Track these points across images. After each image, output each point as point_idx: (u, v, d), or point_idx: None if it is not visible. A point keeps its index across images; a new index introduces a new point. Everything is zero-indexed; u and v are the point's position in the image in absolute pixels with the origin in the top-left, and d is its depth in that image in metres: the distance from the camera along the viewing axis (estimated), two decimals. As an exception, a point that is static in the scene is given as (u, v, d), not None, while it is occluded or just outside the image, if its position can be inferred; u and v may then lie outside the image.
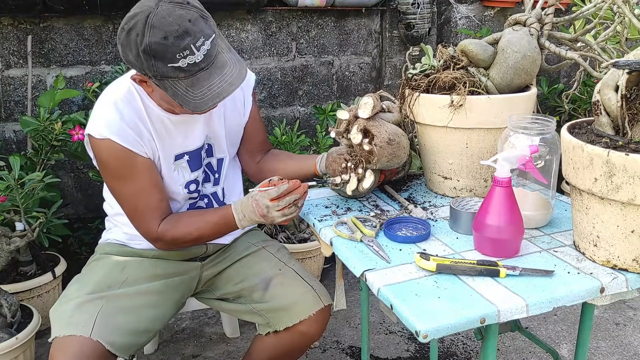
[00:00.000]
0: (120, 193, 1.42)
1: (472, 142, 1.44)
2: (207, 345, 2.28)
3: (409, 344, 2.26)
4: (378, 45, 3.20)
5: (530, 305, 1.03)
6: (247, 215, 1.38)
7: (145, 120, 1.39)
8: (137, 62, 1.23)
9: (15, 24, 2.51)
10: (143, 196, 1.40)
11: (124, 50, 1.25)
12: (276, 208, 1.34)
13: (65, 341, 1.27)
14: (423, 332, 0.96)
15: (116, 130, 1.34)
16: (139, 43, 1.19)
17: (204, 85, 1.24)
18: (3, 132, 2.60)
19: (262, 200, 1.34)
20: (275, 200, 1.33)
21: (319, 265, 2.70)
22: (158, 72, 1.22)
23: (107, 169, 1.39)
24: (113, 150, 1.35)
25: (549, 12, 1.49)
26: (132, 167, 1.37)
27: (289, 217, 1.36)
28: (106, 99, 1.39)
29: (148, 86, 1.32)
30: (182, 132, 1.46)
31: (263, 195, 1.34)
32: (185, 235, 1.42)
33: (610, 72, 1.14)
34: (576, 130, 1.19)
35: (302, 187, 1.36)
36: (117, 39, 1.27)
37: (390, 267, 1.17)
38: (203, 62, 1.22)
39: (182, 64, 1.20)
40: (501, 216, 1.16)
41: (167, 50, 1.18)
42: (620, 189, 1.03)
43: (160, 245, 1.46)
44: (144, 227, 1.42)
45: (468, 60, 1.47)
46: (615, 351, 2.23)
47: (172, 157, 1.46)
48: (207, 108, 1.27)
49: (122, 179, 1.39)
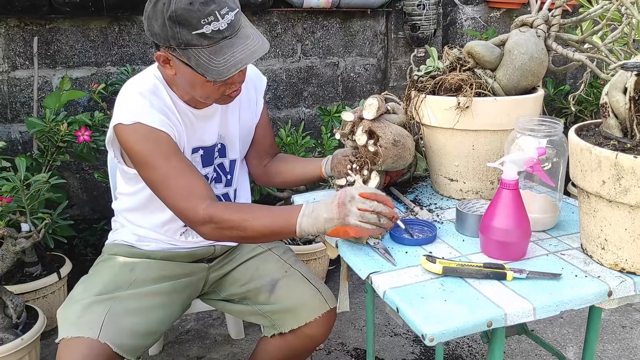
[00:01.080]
0: (157, 179, 1.33)
1: (479, 144, 1.43)
2: (212, 347, 2.27)
3: (414, 347, 2.25)
4: (383, 47, 3.20)
5: (537, 308, 1.02)
6: (317, 209, 1.23)
7: (172, 110, 1.40)
8: (162, 31, 1.25)
9: (22, 26, 2.52)
10: (182, 176, 1.32)
11: (149, 22, 1.27)
12: (360, 204, 1.19)
13: (73, 343, 1.27)
14: (429, 336, 0.95)
15: (146, 115, 1.33)
16: (165, 11, 1.22)
17: (227, 53, 1.25)
18: (9, 133, 2.61)
19: (350, 190, 1.22)
20: (364, 197, 1.21)
21: (324, 267, 2.70)
22: (182, 40, 1.24)
23: (140, 154, 1.33)
24: (144, 133, 1.32)
25: (556, 13, 1.48)
26: (167, 147, 1.33)
27: (363, 223, 1.18)
28: (131, 90, 1.39)
29: (171, 68, 1.33)
30: (201, 126, 1.47)
31: (356, 187, 1.24)
32: (236, 220, 1.27)
33: (619, 74, 1.13)
34: (584, 132, 1.19)
35: (391, 209, 1.23)
36: (143, 14, 1.30)
37: (396, 269, 1.16)
38: (227, 30, 1.24)
39: (207, 29, 1.22)
40: (508, 219, 1.15)
41: (192, 16, 1.21)
42: (629, 192, 1.02)
43: (206, 229, 1.30)
44: (191, 207, 1.30)
45: (474, 62, 1.47)
46: (622, 354, 2.21)
47: (190, 150, 1.46)
48: (229, 74, 1.26)
49: (157, 163, 1.32)
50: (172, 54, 1.29)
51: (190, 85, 1.35)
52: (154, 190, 1.36)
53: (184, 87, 1.39)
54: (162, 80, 1.42)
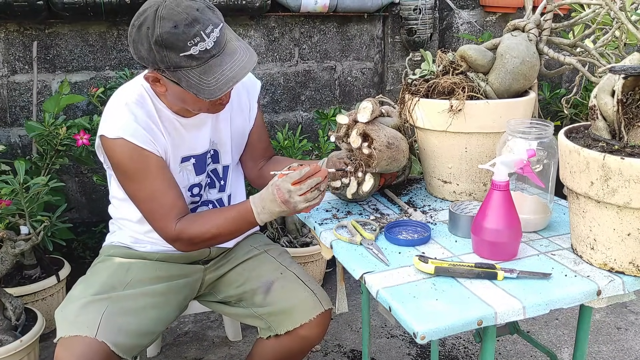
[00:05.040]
0: (135, 194, 1.41)
1: (471, 146, 1.45)
2: (210, 349, 2.29)
3: (410, 348, 2.27)
4: (380, 51, 3.22)
5: (527, 307, 1.04)
6: (267, 206, 1.34)
7: (157, 121, 1.41)
8: (150, 55, 1.25)
9: (21, 30, 2.54)
10: (158, 196, 1.39)
11: (135, 46, 1.27)
12: (298, 192, 1.29)
13: (71, 341, 1.29)
14: (421, 334, 0.97)
15: (130, 130, 1.35)
16: (150, 36, 1.23)
17: (217, 72, 1.26)
18: (8, 137, 2.63)
19: (283, 185, 1.30)
20: (297, 185, 1.29)
21: (321, 269, 2.71)
22: (171, 63, 1.24)
23: (121, 169, 1.39)
24: (127, 150, 1.35)
25: (547, 17, 1.50)
26: (146, 167, 1.37)
27: (311, 203, 1.32)
28: (117, 101, 1.41)
29: (161, 85, 1.34)
30: (191, 135, 1.48)
31: (284, 180, 1.31)
32: (204, 233, 1.39)
33: (607, 77, 1.15)
34: (573, 134, 1.21)
35: (323, 171, 1.33)
36: (127, 37, 1.30)
37: (389, 269, 1.18)
38: (214, 49, 1.25)
39: (194, 51, 1.23)
40: (499, 219, 1.17)
41: (178, 39, 1.21)
42: (616, 193, 1.04)
43: (179, 246, 1.43)
44: (162, 227, 1.40)
45: (467, 66, 1.49)
46: (617, 355, 2.23)
47: (179, 159, 1.48)
48: (222, 93, 1.28)
49: (136, 179, 1.39)
50: (161, 75, 1.30)
51: (182, 101, 1.37)
52: (132, 201, 1.44)
53: (174, 101, 1.40)
54: (149, 90, 1.42)
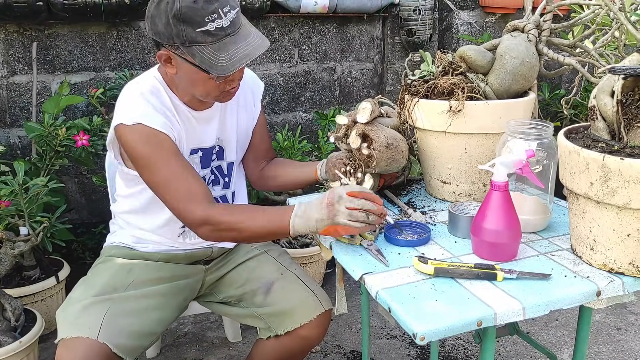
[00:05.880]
0: (157, 180, 1.36)
1: (471, 147, 1.45)
2: (210, 350, 2.29)
3: (410, 349, 2.27)
4: (380, 52, 3.22)
5: (526, 308, 1.03)
6: (308, 210, 1.27)
7: (172, 110, 1.43)
8: (167, 30, 1.27)
9: (21, 31, 2.54)
10: (182, 178, 1.35)
11: (153, 21, 1.30)
12: (348, 202, 1.22)
13: (72, 343, 1.28)
14: (420, 334, 0.97)
15: (148, 116, 1.36)
16: (170, 10, 1.25)
17: (231, 49, 1.29)
18: (8, 138, 2.62)
19: (338, 190, 1.26)
20: (351, 196, 1.23)
21: (321, 269, 2.71)
22: (187, 38, 1.26)
23: (140, 154, 1.36)
24: (146, 134, 1.34)
25: (547, 18, 1.50)
26: (167, 149, 1.36)
27: (351, 223, 1.22)
28: (132, 92, 1.41)
29: (172, 67, 1.35)
30: (201, 127, 1.49)
31: (344, 187, 1.27)
32: (235, 223, 1.32)
33: (606, 78, 1.15)
34: (573, 135, 1.21)
35: (382, 208, 1.25)
36: (146, 14, 1.32)
37: (389, 270, 1.18)
38: (229, 27, 1.28)
39: (210, 27, 1.25)
40: (498, 220, 1.17)
41: (196, 14, 1.24)
42: (616, 193, 1.04)
43: (203, 231, 1.35)
44: (186, 209, 1.34)
45: (467, 66, 1.49)
46: (617, 356, 2.23)
47: (189, 151, 1.49)
48: (234, 69, 1.29)
49: (158, 163, 1.35)
50: (174, 52, 1.31)
51: (191, 83, 1.37)
52: (154, 191, 1.39)
53: (184, 85, 1.41)
54: (162, 82, 1.44)
